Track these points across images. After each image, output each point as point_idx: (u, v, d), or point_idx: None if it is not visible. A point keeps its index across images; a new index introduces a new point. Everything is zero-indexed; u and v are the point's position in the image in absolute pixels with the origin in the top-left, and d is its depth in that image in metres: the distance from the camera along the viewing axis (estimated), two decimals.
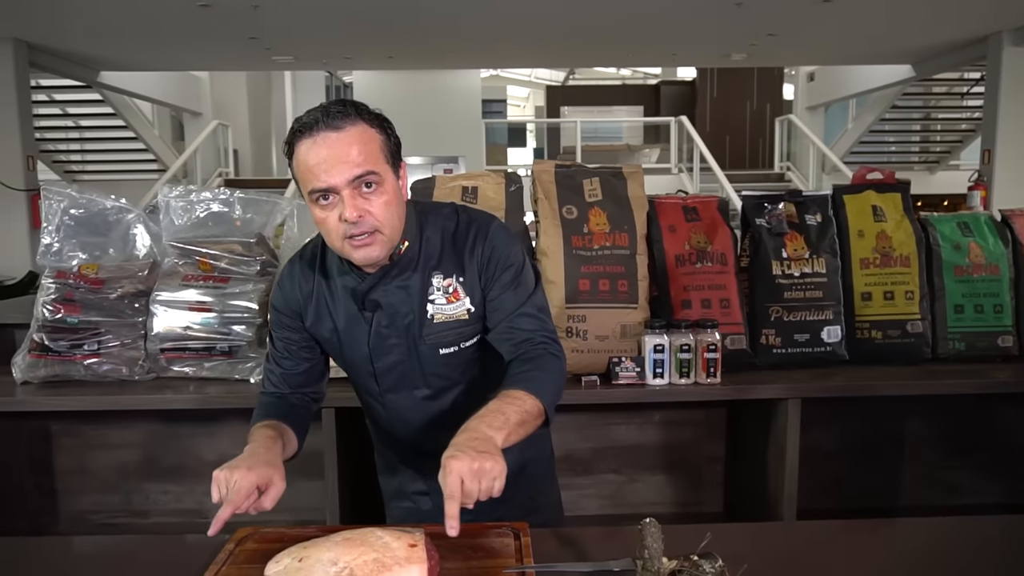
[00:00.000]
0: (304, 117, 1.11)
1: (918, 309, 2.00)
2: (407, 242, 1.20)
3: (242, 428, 2.28)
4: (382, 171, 1.11)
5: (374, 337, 1.23)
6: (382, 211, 1.11)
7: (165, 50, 7.59)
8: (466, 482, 0.94)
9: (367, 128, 1.12)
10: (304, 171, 1.09)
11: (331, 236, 1.13)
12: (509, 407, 1.07)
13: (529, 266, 1.26)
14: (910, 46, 7.67)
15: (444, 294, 1.21)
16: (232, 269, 1.97)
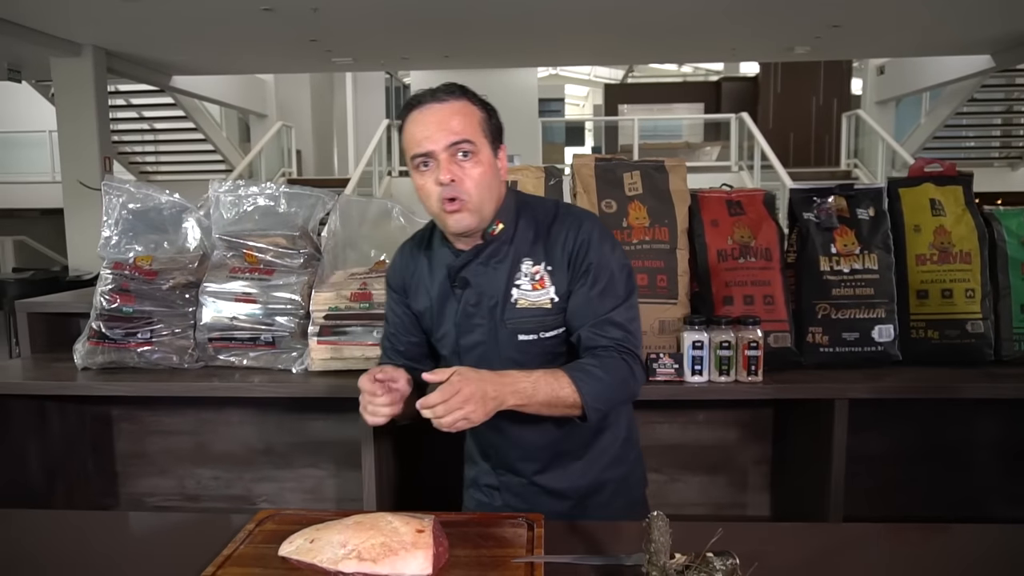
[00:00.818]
0: (415, 93, 1.23)
1: (979, 308, 1.89)
2: (502, 224, 1.25)
3: (287, 417, 2.37)
4: (479, 144, 1.19)
5: (461, 314, 1.28)
6: (474, 180, 1.18)
7: (231, 54, 7.89)
8: (452, 400, 1.03)
9: (469, 104, 1.22)
10: (409, 139, 1.20)
11: (429, 201, 1.21)
12: (544, 385, 1.11)
13: (624, 275, 1.25)
14: (989, 35, 7.28)
15: (531, 280, 1.24)
16: (276, 262, 2.02)
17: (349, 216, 2.13)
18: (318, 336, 1.91)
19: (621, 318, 1.22)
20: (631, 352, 1.21)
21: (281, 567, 0.88)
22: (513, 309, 1.24)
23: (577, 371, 1.16)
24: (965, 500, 2.18)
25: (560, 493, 1.35)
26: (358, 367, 1.94)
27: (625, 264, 1.27)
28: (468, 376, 1.07)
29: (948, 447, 2.18)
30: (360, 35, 7.05)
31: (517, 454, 1.36)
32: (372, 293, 1.91)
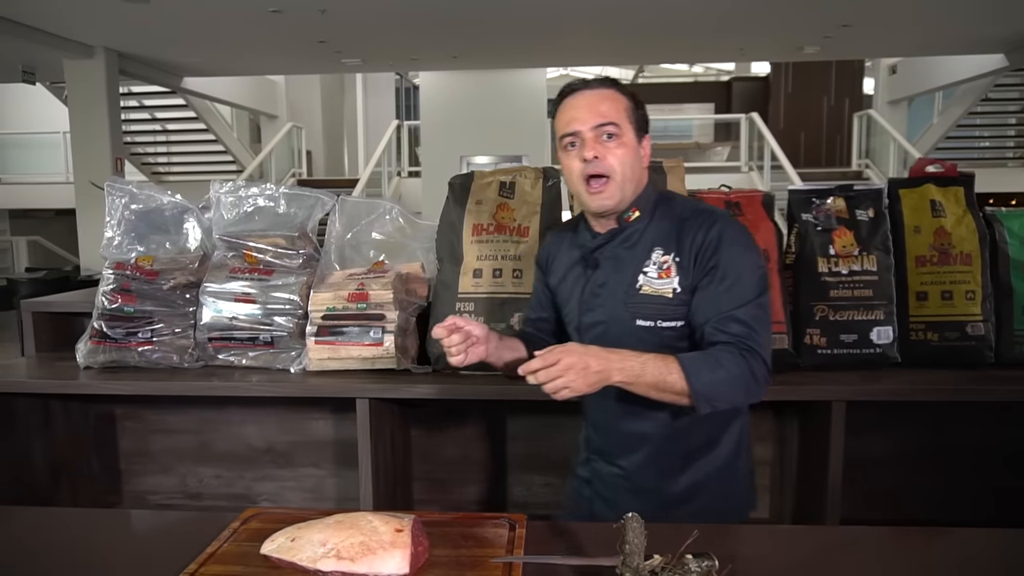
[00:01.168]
0: (569, 83, 1.32)
1: (979, 310, 1.87)
2: (638, 212, 1.30)
3: (288, 416, 2.39)
4: (623, 127, 1.26)
5: (587, 293, 1.34)
6: (617, 160, 1.25)
7: (241, 55, 7.94)
8: (555, 368, 1.09)
9: (617, 93, 1.29)
10: (559, 121, 1.29)
11: (572, 178, 1.29)
12: (654, 368, 1.14)
13: (756, 277, 1.25)
14: (1001, 34, 7.20)
15: (658, 269, 1.27)
16: (276, 262, 2.03)
17: (349, 217, 2.14)
18: (316, 336, 1.93)
19: (745, 316, 1.22)
20: (752, 350, 1.19)
21: (262, 565, 0.89)
22: (636, 294, 1.28)
23: (689, 360, 1.17)
24: (967, 503, 2.16)
25: (650, 492, 1.34)
26: (355, 367, 1.95)
27: (759, 266, 1.27)
28: (571, 348, 1.12)
29: (951, 450, 2.15)
30: (368, 36, 7.08)
31: (616, 440, 1.37)
32: (369, 294, 1.92)
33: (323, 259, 2.07)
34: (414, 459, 2.39)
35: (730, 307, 1.22)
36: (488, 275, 1.89)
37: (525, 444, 2.34)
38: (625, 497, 1.36)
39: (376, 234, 2.16)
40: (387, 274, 1.97)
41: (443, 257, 2.00)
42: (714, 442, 1.34)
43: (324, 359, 1.94)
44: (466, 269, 1.92)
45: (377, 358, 1.91)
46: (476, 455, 2.36)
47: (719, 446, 1.34)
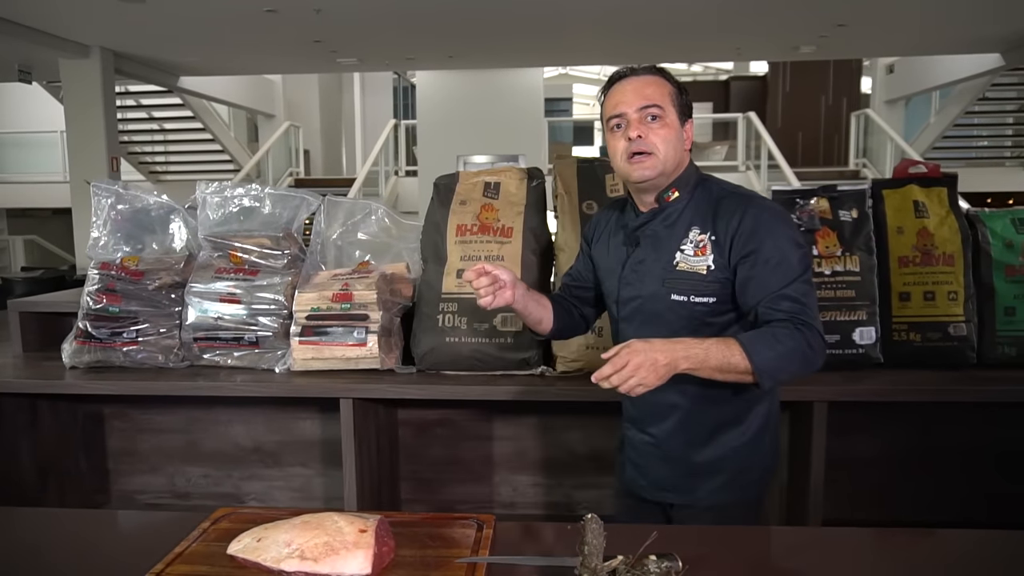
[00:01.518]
0: (617, 70, 1.39)
1: (962, 311, 1.88)
2: (677, 192, 1.36)
3: (276, 416, 2.39)
4: (667, 110, 1.33)
5: (627, 269, 1.40)
6: (660, 138, 1.32)
7: (236, 55, 7.93)
8: (626, 370, 1.14)
9: (662, 79, 1.36)
10: (607, 105, 1.37)
11: (616, 157, 1.36)
12: (716, 351, 1.20)
13: (798, 254, 1.30)
14: (997, 33, 7.19)
15: (695, 247, 1.33)
16: (261, 262, 2.04)
17: (334, 217, 2.15)
18: (300, 336, 1.93)
19: (795, 292, 1.26)
20: (806, 323, 1.24)
21: (228, 565, 0.89)
22: (673, 270, 1.34)
23: (748, 339, 1.22)
24: (952, 504, 2.17)
25: (678, 461, 1.40)
26: (339, 367, 1.95)
27: (799, 244, 1.32)
28: (635, 347, 1.17)
29: (936, 451, 2.16)
30: (364, 36, 7.07)
31: (647, 408, 1.41)
32: (353, 294, 1.93)
33: (308, 259, 2.07)
34: (401, 459, 2.40)
35: (778, 286, 1.26)
36: None
37: (512, 444, 2.34)
38: (655, 464, 1.43)
39: (362, 234, 2.16)
40: (371, 274, 1.98)
41: (427, 257, 2.01)
42: (741, 418, 1.38)
43: (308, 359, 1.94)
44: (449, 269, 1.92)
45: (361, 358, 1.92)
46: (463, 455, 2.36)
47: (746, 422, 1.38)
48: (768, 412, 1.41)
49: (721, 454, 1.38)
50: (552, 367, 1.93)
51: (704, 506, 1.39)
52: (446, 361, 1.90)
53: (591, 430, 2.30)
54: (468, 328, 1.87)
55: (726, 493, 1.38)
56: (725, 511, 1.38)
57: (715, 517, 1.36)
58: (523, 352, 1.86)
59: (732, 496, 1.39)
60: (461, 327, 1.87)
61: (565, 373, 1.91)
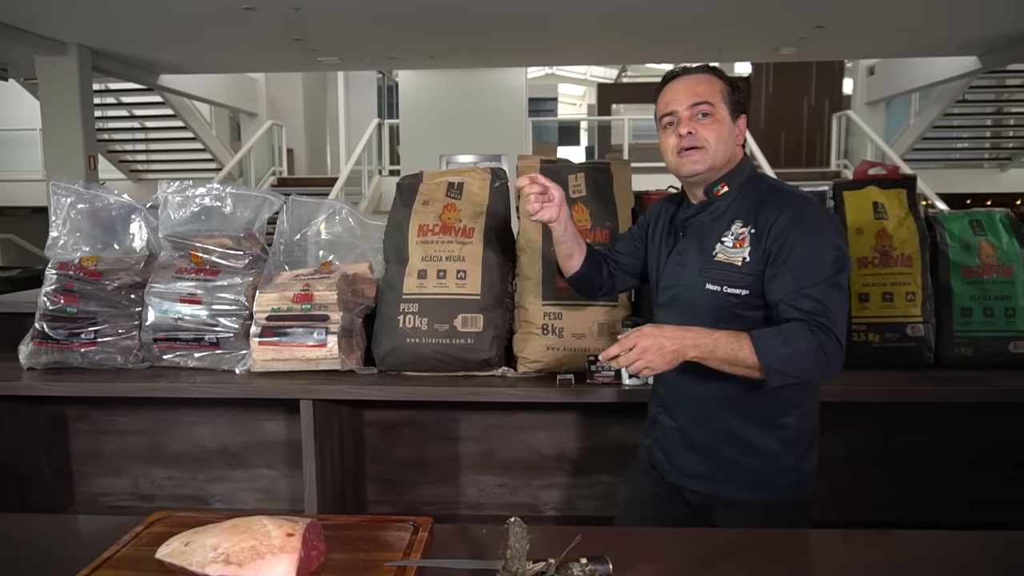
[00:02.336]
0: (671, 70, 1.43)
1: (919, 311, 1.89)
2: (726, 187, 1.38)
3: (242, 417, 2.37)
4: (718, 107, 1.36)
5: (672, 257, 1.44)
6: (711, 134, 1.34)
7: (216, 53, 7.88)
8: (633, 352, 1.20)
9: (714, 77, 1.39)
10: (660, 103, 1.40)
11: (668, 153, 1.39)
12: (726, 344, 1.22)
13: (831, 257, 1.29)
14: (974, 36, 7.27)
15: (734, 239, 1.35)
16: (222, 263, 2.02)
17: (297, 217, 2.13)
18: (259, 337, 1.92)
19: (819, 293, 1.25)
20: (824, 327, 1.23)
21: (155, 571, 0.88)
22: (711, 260, 1.36)
23: (759, 335, 1.23)
24: (917, 502, 2.18)
25: (704, 451, 1.40)
26: (300, 368, 1.94)
27: (835, 247, 1.30)
28: (646, 331, 1.22)
29: (898, 450, 2.18)
30: (344, 35, 7.04)
31: (675, 394, 1.44)
32: (314, 295, 1.91)
33: (270, 259, 2.06)
34: (367, 460, 2.39)
35: (804, 285, 1.26)
36: (432, 276, 1.89)
37: (478, 445, 2.34)
38: (680, 450, 1.44)
39: (325, 234, 2.15)
40: (333, 275, 1.96)
41: (389, 257, 2.00)
42: (775, 419, 1.36)
43: (268, 360, 1.93)
44: (411, 270, 1.91)
45: (321, 359, 1.90)
46: (429, 456, 2.35)
47: (779, 424, 1.36)
48: (805, 416, 1.39)
49: (749, 451, 1.36)
50: (513, 368, 1.92)
51: (724, 500, 1.39)
52: (407, 362, 1.89)
53: (558, 431, 2.30)
54: (429, 329, 1.86)
55: (748, 491, 1.37)
56: (745, 509, 1.37)
57: (734, 514, 1.37)
58: (483, 353, 1.85)
59: (753, 495, 1.37)
60: (422, 328, 1.86)
61: (526, 374, 1.91)
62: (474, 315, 1.86)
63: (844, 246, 1.32)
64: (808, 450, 1.40)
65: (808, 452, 1.40)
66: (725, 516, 1.39)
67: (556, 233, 1.49)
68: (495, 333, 1.87)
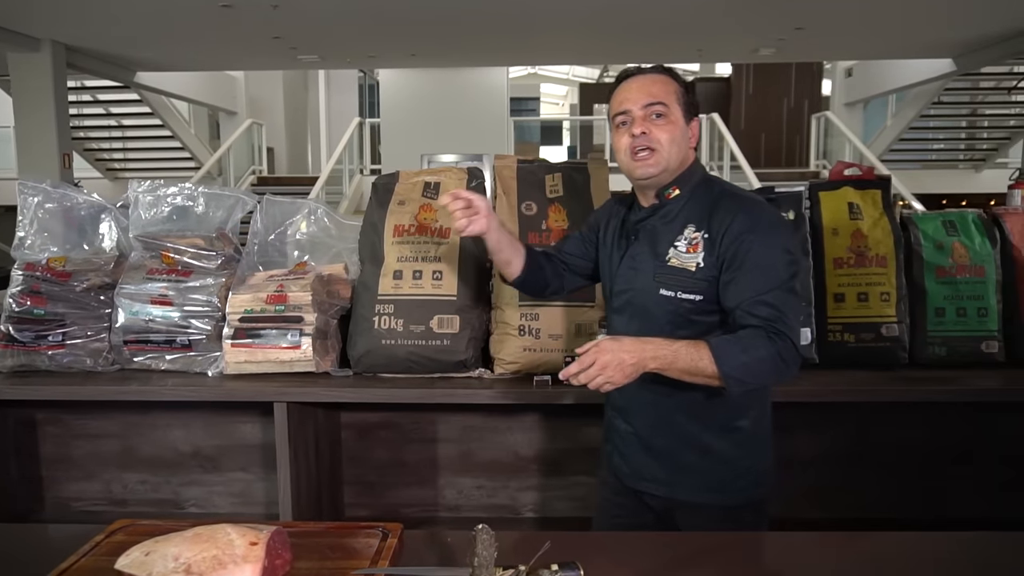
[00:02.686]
0: (625, 68, 1.41)
1: (894, 311, 1.90)
2: (677, 191, 1.37)
3: (216, 420, 2.34)
4: (671, 107, 1.34)
5: (625, 261, 1.42)
6: (664, 136, 1.33)
7: (194, 50, 7.77)
8: (591, 369, 1.19)
9: (668, 78, 1.38)
10: (613, 102, 1.39)
11: (620, 153, 1.37)
12: (685, 354, 1.22)
13: (786, 260, 1.30)
14: (949, 39, 7.36)
15: (687, 243, 1.34)
16: (194, 263, 1.99)
17: (271, 217, 2.11)
18: (232, 339, 1.89)
19: (774, 300, 1.25)
20: (780, 332, 1.23)
21: None
22: (664, 265, 1.35)
23: (718, 344, 1.23)
24: (892, 502, 2.20)
25: (661, 454, 1.40)
26: (274, 371, 1.91)
27: (788, 251, 1.31)
28: (604, 347, 1.20)
29: (872, 448, 2.19)
30: (324, 33, 6.98)
31: (629, 399, 1.43)
32: (288, 295, 1.89)
33: (244, 260, 2.03)
34: (344, 463, 2.36)
35: (759, 291, 1.26)
36: (408, 276, 1.87)
37: (456, 447, 2.32)
38: (638, 455, 1.44)
39: (300, 234, 2.12)
40: (307, 276, 1.94)
41: (364, 258, 1.98)
42: (728, 423, 1.37)
43: (241, 362, 1.90)
44: (386, 270, 1.89)
45: (295, 361, 1.88)
46: (407, 458, 2.33)
47: (733, 428, 1.37)
48: (759, 419, 1.41)
49: (705, 455, 1.38)
50: (490, 369, 1.91)
51: (682, 503, 1.40)
52: (382, 364, 1.87)
53: (536, 432, 2.29)
54: (404, 330, 1.84)
55: (706, 494, 1.38)
56: (704, 511, 1.38)
57: (694, 516, 1.38)
58: (460, 354, 1.84)
59: (712, 497, 1.38)
60: (397, 329, 1.84)
61: (503, 375, 1.89)
62: (450, 316, 1.84)
63: (796, 250, 1.33)
64: (763, 452, 1.42)
65: (763, 454, 1.42)
66: (685, 519, 1.40)
67: (489, 244, 1.48)
68: (471, 334, 1.85)
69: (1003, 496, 2.12)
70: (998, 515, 2.11)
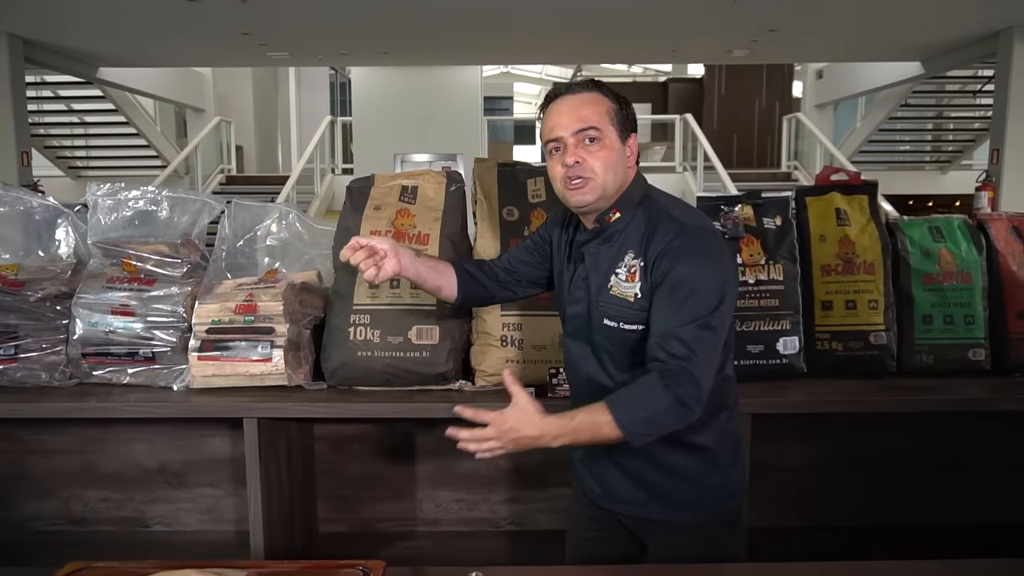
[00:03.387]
0: (553, 88, 1.36)
1: (882, 319, 1.87)
2: (618, 214, 1.32)
3: (182, 434, 2.24)
4: (605, 131, 1.29)
5: (572, 285, 1.39)
6: (599, 163, 1.28)
7: (159, 46, 7.57)
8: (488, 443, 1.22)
9: (600, 96, 1.31)
10: (544, 127, 1.33)
11: (556, 183, 1.33)
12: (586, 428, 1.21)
13: (712, 296, 1.23)
14: (918, 42, 7.47)
15: (627, 271, 1.29)
16: (158, 271, 1.89)
17: (240, 222, 2.01)
18: (199, 352, 1.79)
19: (688, 335, 1.21)
20: (687, 373, 1.19)
21: None
22: (607, 294, 1.31)
23: (616, 405, 1.20)
24: (881, 509, 2.18)
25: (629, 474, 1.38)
26: (243, 384, 1.82)
27: (719, 286, 1.25)
28: (505, 429, 1.20)
29: (859, 456, 2.17)
30: (295, 29, 6.84)
31: None
32: (258, 305, 1.79)
33: (211, 268, 1.93)
34: (318, 476, 2.27)
35: (676, 323, 1.22)
36: (385, 285, 1.79)
37: (434, 459, 2.25)
38: (610, 474, 1.42)
39: (271, 240, 2.03)
40: (278, 284, 1.85)
41: (339, 266, 1.89)
42: (692, 440, 1.34)
43: (209, 376, 1.80)
44: (362, 279, 1.81)
45: (266, 374, 1.79)
46: (383, 471, 2.26)
47: (699, 445, 1.34)
48: (724, 433, 1.37)
49: (672, 474, 1.35)
50: (471, 381, 1.84)
51: (655, 523, 1.38)
52: (358, 376, 1.79)
53: None
54: (381, 341, 1.76)
55: (678, 512, 1.37)
56: (677, 528, 1.37)
57: (668, 534, 1.37)
58: (440, 367, 1.76)
59: (685, 516, 1.37)
60: (374, 340, 1.76)
61: (484, 388, 1.82)
62: (430, 326, 1.77)
63: (726, 280, 1.27)
64: (731, 465, 1.40)
65: (732, 466, 1.40)
66: (659, 537, 1.39)
67: (410, 279, 1.47)
68: (452, 345, 1.78)
69: (993, 502, 2.12)
70: (988, 521, 2.12)
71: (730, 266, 1.31)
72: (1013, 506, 2.10)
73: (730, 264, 1.32)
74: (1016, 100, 6.60)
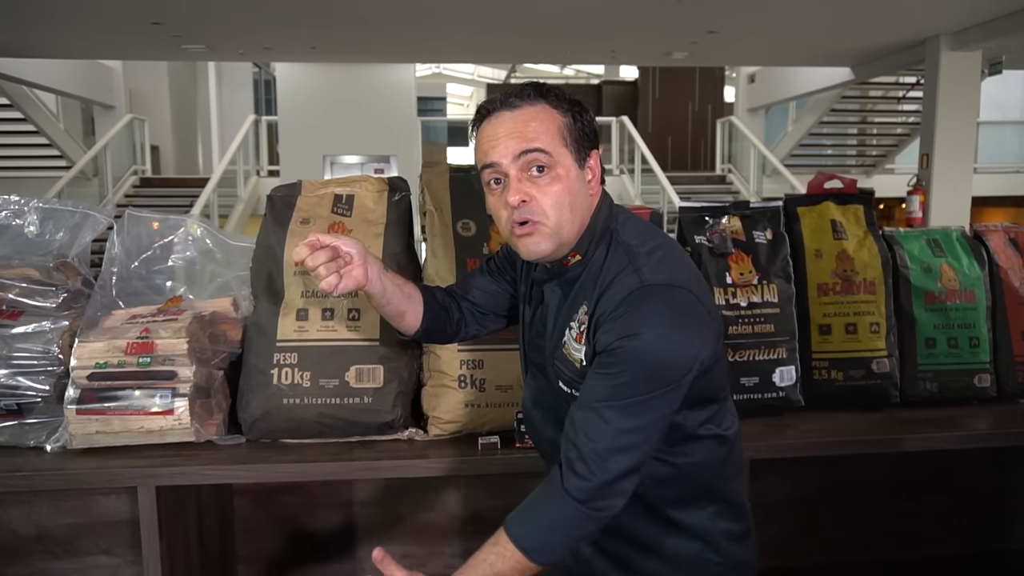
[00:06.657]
0: (485, 100, 1.06)
1: (884, 344, 1.68)
2: (578, 256, 1.06)
3: (67, 493, 1.84)
4: (556, 153, 1.00)
5: (533, 330, 1.16)
6: (550, 199, 1.00)
7: (61, 35, 6.91)
8: None
9: (547, 108, 1.02)
10: (478, 150, 1.04)
11: (500, 225, 1.05)
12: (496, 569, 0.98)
13: (650, 380, 0.95)
14: (849, 48, 7.59)
15: (578, 328, 1.04)
16: (25, 301, 1.51)
17: (136, 238, 1.64)
18: (78, 404, 1.42)
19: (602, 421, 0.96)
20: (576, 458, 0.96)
21: None
22: (559, 351, 1.08)
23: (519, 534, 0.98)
24: (862, 542, 2.02)
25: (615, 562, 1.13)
26: (137, 442, 1.46)
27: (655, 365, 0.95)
28: None
29: (842, 488, 2.00)
30: (210, 20, 6.33)
31: None
32: (156, 343, 1.44)
33: (96, 296, 1.56)
34: (238, 537, 1.93)
35: (595, 400, 0.97)
36: (316, 317, 1.47)
37: (378, 510, 1.94)
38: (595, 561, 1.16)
39: (175, 259, 1.67)
40: (183, 315, 1.50)
41: (259, 292, 1.55)
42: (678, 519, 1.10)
43: (92, 434, 1.44)
44: (288, 309, 1.48)
45: (167, 430, 1.44)
46: (317, 527, 1.93)
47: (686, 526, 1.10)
48: (719, 511, 1.12)
49: (664, 562, 1.11)
50: (423, 429, 1.54)
51: None
52: (284, 428, 1.46)
53: (473, 489, 1.94)
54: (312, 386, 1.44)
55: None
56: None
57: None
58: (385, 414, 1.45)
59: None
60: (303, 384, 1.44)
61: (439, 436, 1.52)
62: (372, 366, 1.46)
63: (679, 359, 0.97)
64: (739, 543, 1.14)
65: (739, 545, 1.14)
66: None
67: (374, 297, 1.16)
68: (399, 388, 1.48)
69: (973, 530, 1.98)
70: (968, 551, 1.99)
71: (695, 338, 0.99)
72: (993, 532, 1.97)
73: (696, 335, 0.99)
74: (944, 106, 6.75)
